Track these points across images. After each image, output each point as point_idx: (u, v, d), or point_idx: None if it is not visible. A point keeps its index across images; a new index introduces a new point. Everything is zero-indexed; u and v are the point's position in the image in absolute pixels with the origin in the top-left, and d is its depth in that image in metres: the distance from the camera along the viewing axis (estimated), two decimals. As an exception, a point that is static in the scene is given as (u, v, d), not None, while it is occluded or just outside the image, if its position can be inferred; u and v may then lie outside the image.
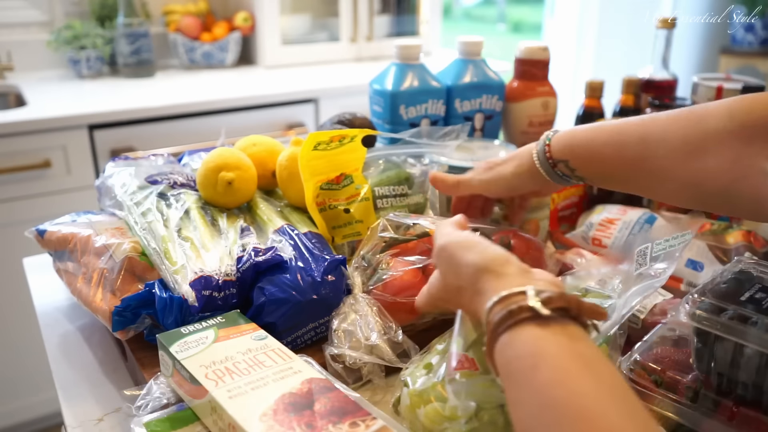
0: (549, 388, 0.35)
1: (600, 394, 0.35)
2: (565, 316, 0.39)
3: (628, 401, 0.35)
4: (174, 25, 2.16)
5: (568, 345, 0.38)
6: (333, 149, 0.72)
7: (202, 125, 1.79)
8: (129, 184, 0.74)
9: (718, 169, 0.53)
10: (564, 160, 0.63)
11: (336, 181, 0.73)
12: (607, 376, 0.36)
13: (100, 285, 0.64)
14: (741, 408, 0.48)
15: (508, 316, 0.39)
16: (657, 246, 0.56)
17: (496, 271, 0.44)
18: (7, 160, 1.55)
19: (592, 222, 0.85)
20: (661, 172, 0.56)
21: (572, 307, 0.40)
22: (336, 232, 0.72)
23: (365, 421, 0.45)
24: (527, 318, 0.39)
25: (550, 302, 0.39)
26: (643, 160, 0.57)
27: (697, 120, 0.54)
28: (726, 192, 0.53)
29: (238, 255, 0.64)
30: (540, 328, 0.38)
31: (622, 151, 0.59)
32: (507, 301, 0.40)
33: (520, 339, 0.39)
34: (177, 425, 0.51)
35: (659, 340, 0.56)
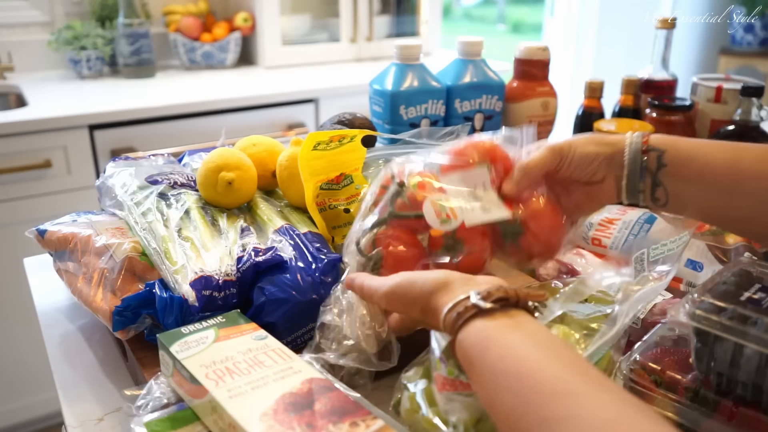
0: (498, 362, 0.41)
1: (540, 355, 0.40)
2: (507, 305, 0.45)
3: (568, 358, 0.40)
4: (174, 26, 2.16)
5: (511, 325, 0.43)
6: (333, 149, 0.72)
7: (202, 125, 1.79)
8: (129, 184, 0.74)
9: None
10: (660, 150, 0.57)
11: (336, 181, 0.73)
12: (549, 344, 0.41)
13: (101, 285, 0.64)
14: (741, 408, 0.48)
15: (458, 317, 0.45)
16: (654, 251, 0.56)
17: (444, 289, 0.48)
18: (8, 160, 1.55)
19: (591, 222, 0.85)
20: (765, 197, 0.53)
21: (511, 296, 0.45)
22: (336, 232, 0.72)
23: (365, 421, 0.45)
24: (474, 314, 0.44)
25: (489, 296, 0.45)
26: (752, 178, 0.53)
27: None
28: None
29: (238, 255, 0.64)
30: (486, 320, 0.44)
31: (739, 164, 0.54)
32: (456, 307, 0.46)
33: (471, 332, 0.44)
34: (177, 425, 0.51)
35: (659, 340, 0.56)
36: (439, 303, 0.48)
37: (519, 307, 0.45)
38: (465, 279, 0.49)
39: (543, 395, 0.37)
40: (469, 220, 0.57)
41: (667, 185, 0.57)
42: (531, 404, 0.37)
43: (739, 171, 0.54)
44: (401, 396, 0.53)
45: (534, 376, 0.38)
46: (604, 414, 0.35)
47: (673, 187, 0.57)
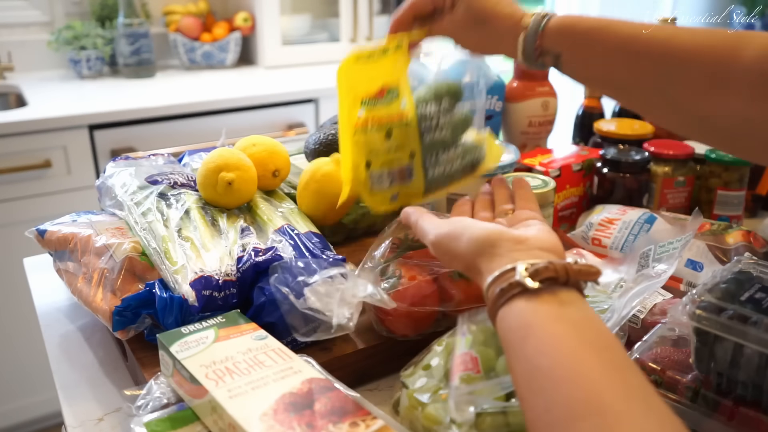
0: (535, 357, 0.38)
1: (581, 356, 0.37)
2: (555, 284, 0.41)
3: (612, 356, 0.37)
4: (174, 26, 2.16)
5: (557, 313, 0.40)
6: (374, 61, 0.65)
7: (202, 125, 1.79)
8: (129, 184, 0.74)
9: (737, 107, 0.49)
10: (556, 54, 0.57)
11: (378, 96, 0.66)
12: (593, 339, 0.38)
13: (101, 285, 0.64)
14: (741, 408, 0.48)
15: (501, 294, 0.42)
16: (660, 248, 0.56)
17: (488, 253, 0.46)
18: (8, 160, 1.55)
19: (591, 222, 0.85)
20: (674, 101, 0.52)
21: (560, 275, 0.42)
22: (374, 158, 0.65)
23: (365, 421, 0.45)
24: (517, 293, 0.41)
25: (537, 274, 0.41)
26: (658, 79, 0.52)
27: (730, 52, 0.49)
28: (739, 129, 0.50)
29: (238, 255, 0.64)
30: (529, 301, 0.41)
31: (636, 64, 0.53)
32: (499, 280, 0.43)
33: (512, 313, 0.41)
34: (177, 425, 0.51)
35: (659, 340, 0.56)
36: (483, 268, 0.45)
37: (569, 286, 0.42)
38: (514, 240, 0.46)
39: (577, 408, 0.34)
40: None
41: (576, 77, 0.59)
42: (562, 415, 0.35)
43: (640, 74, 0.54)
44: (400, 394, 0.53)
45: (570, 384, 0.35)
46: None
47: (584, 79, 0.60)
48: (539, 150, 0.97)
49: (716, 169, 0.91)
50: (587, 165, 0.93)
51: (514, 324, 0.41)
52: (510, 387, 0.46)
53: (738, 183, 0.90)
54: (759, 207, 0.99)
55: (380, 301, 0.56)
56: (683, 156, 0.91)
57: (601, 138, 1.03)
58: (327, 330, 0.58)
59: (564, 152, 0.96)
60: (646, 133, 1.00)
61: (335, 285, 0.58)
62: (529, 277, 0.41)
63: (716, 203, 0.92)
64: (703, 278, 0.73)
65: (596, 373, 0.36)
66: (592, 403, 0.34)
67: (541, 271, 0.42)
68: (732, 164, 0.90)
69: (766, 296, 0.49)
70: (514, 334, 0.40)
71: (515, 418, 0.45)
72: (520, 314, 0.40)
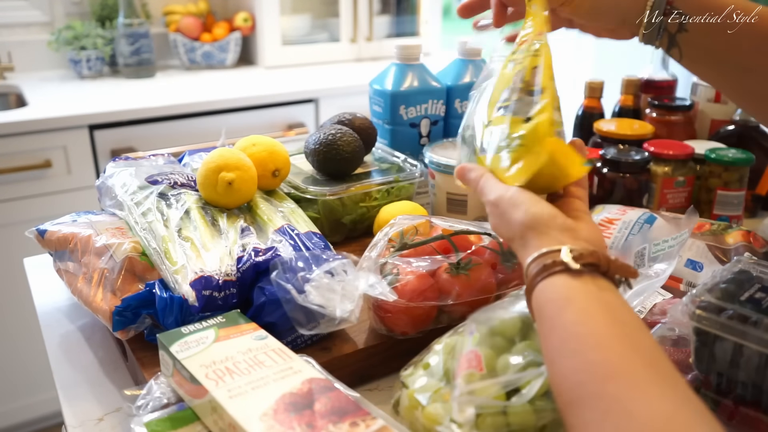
0: (573, 325, 0.40)
1: (616, 331, 0.39)
2: (596, 271, 0.44)
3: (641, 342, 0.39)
4: (174, 26, 2.16)
5: (595, 293, 0.42)
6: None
7: (202, 125, 1.79)
8: (129, 184, 0.74)
9: None
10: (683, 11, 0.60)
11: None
12: (627, 321, 0.40)
13: (101, 285, 0.64)
14: (740, 408, 0.48)
15: (543, 269, 0.44)
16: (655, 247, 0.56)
17: (539, 230, 0.47)
18: (8, 160, 1.55)
19: (592, 222, 0.85)
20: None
21: (602, 263, 0.44)
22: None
23: (365, 421, 0.45)
24: (560, 270, 0.43)
25: (581, 258, 0.44)
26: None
27: None
28: None
29: (238, 255, 0.64)
30: (571, 278, 0.43)
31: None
32: (544, 257, 0.45)
33: (553, 286, 0.43)
34: (177, 425, 0.51)
35: (659, 340, 0.56)
36: (530, 243, 0.47)
37: (607, 277, 0.44)
38: (565, 226, 0.47)
39: (607, 370, 0.37)
40: None
41: (683, 48, 0.61)
42: (593, 375, 0.38)
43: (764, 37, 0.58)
44: (400, 394, 0.53)
45: (604, 351, 0.38)
46: (660, 407, 0.35)
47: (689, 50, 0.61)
48: (539, 150, 0.97)
49: (716, 169, 0.91)
50: (587, 165, 0.93)
51: (553, 296, 0.43)
52: (510, 386, 0.46)
53: (738, 183, 0.90)
54: (759, 207, 0.99)
55: (381, 293, 0.56)
56: (683, 156, 0.91)
57: (601, 138, 1.03)
58: (330, 323, 0.58)
59: (564, 152, 0.96)
60: (646, 133, 1.00)
61: (336, 279, 0.58)
62: (573, 258, 0.44)
63: (716, 203, 0.92)
64: (703, 278, 0.73)
65: (630, 349, 0.38)
66: (622, 367, 0.37)
67: (585, 255, 0.44)
68: (732, 164, 0.90)
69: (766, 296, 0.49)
70: (552, 305, 0.43)
71: (515, 418, 0.45)
72: (560, 288, 0.43)
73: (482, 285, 0.62)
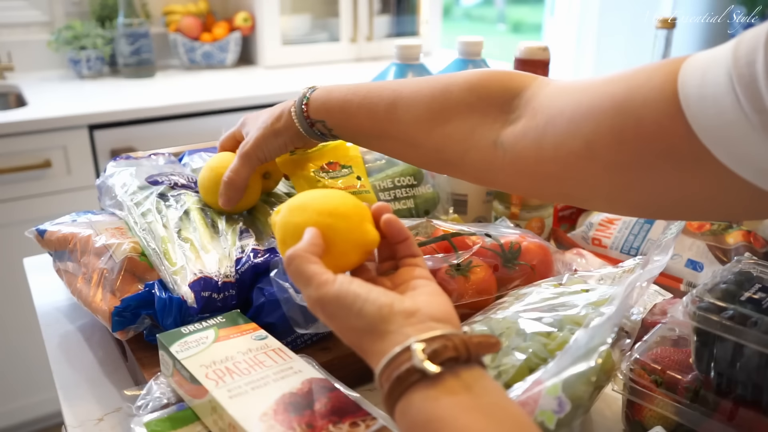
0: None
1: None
2: (456, 364, 0.37)
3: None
4: (174, 26, 2.16)
5: (465, 402, 0.35)
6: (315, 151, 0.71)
7: (202, 125, 1.79)
8: (129, 185, 0.74)
9: (457, 138, 0.54)
10: (321, 120, 0.63)
11: (331, 168, 0.71)
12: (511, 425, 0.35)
13: (100, 285, 0.64)
14: (741, 408, 0.48)
15: (398, 383, 0.37)
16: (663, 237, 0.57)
17: (378, 331, 0.40)
18: (7, 160, 1.55)
19: (591, 222, 0.85)
20: (408, 137, 0.57)
21: (462, 354, 0.37)
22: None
23: (365, 421, 0.45)
24: (417, 380, 0.36)
25: (436, 356, 0.36)
26: (392, 124, 0.58)
27: (442, 89, 0.56)
28: (462, 160, 0.55)
29: (237, 256, 0.64)
30: (432, 389, 0.36)
31: (374, 115, 0.59)
32: (394, 364, 0.37)
33: (414, 405, 0.36)
34: (177, 425, 0.51)
35: (659, 340, 0.56)
36: (373, 349, 0.40)
37: (470, 363, 0.37)
38: (405, 313, 0.40)
39: None
40: None
41: (345, 137, 0.64)
42: None
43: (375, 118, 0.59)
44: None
45: None
46: None
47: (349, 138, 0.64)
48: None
49: (716, 169, 0.91)
50: (587, 165, 0.93)
51: (419, 419, 0.36)
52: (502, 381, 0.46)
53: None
54: (759, 207, 0.99)
55: None
56: (683, 156, 0.91)
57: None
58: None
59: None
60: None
61: None
62: (428, 359, 0.36)
63: (716, 203, 0.91)
64: (703, 278, 0.73)
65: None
66: None
67: (440, 351, 0.36)
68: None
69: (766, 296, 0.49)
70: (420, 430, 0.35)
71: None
72: (425, 407, 0.35)
73: (482, 286, 0.62)
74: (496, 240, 0.67)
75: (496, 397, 0.36)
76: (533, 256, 0.67)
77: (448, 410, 0.35)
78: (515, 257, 0.66)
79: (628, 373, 0.53)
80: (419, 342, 0.37)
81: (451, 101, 0.55)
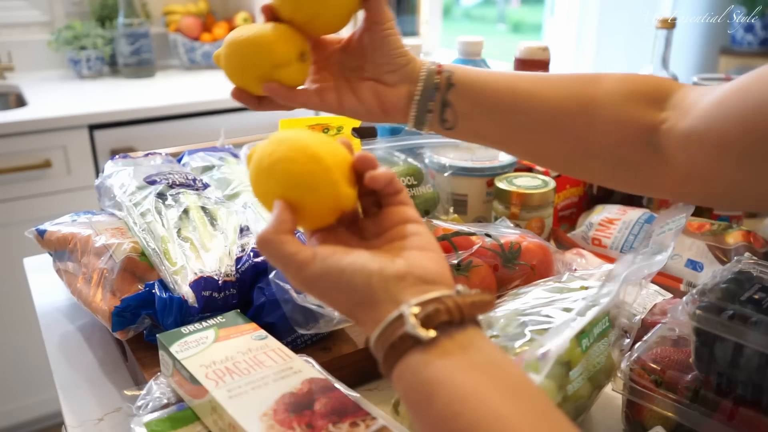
0: (451, 419, 0.33)
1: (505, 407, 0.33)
2: (450, 327, 0.36)
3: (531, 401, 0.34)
4: (174, 26, 2.16)
5: (461, 362, 0.35)
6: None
7: (202, 125, 1.79)
8: (128, 185, 0.74)
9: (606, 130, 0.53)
10: (449, 71, 0.56)
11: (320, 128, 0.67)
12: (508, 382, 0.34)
13: (100, 285, 0.64)
14: (741, 408, 0.48)
15: (391, 350, 0.36)
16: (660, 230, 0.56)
17: (369, 302, 0.38)
18: (7, 160, 1.55)
19: (591, 222, 0.85)
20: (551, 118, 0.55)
21: (455, 317, 0.36)
22: None
23: (365, 421, 0.45)
24: (411, 346, 0.35)
25: (430, 321, 0.35)
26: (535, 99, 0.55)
27: (591, 77, 0.55)
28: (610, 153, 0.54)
29: (237, 255, 0.64)
30: (426, 353, 0.35)
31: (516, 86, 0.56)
32: (387, 332, 0.37)
33: (409, 370, 0.35)
34: (177, 425, 0.51)
35: (659, 340, 0.56)
36: (364, 318, 0.39)
37: (465, 324, 0.36)
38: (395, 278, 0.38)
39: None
40: None
41: (456, 106, 0.56)
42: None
43: (516, 90, 0.55)
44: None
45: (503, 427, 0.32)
46: None
47: (461, 107, 0.56)
48: (539, 150, 0.97)
49: (716, 169, 0.91)
50: (587, 165, 0.93)
51: (412, 382, 0.35)
52: None
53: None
54: (759, 207, 0.99)
55: None
56: (683, 156, 0.91)
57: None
58: (328, 323, 0.58)
59: (564, 152, 0.96)
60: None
61: None
62: (422, 325, 0.35)
63: (716, 203, 0.92)
64: (703, 278, 0.73)
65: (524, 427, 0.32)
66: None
67: (433, 316, 0.36)
68: (732, 164, 0.89)
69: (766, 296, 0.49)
70: (416, 394, 0.35)
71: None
72: (420, 371, 0.35)
73: (482, 286, 0.62)
74: (496, 240, 0.67)
75: (491, 355, 0.36)
76: (533, 256, 0.67)
77: (443, 371, 0.34)
78: (515, 257, 0.66)
79: (628, 373, 0.53)
80: (411, 307, 0.36)
81: (602, 89, 0.54)
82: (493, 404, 0.32)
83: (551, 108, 0.55)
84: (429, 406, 0.34)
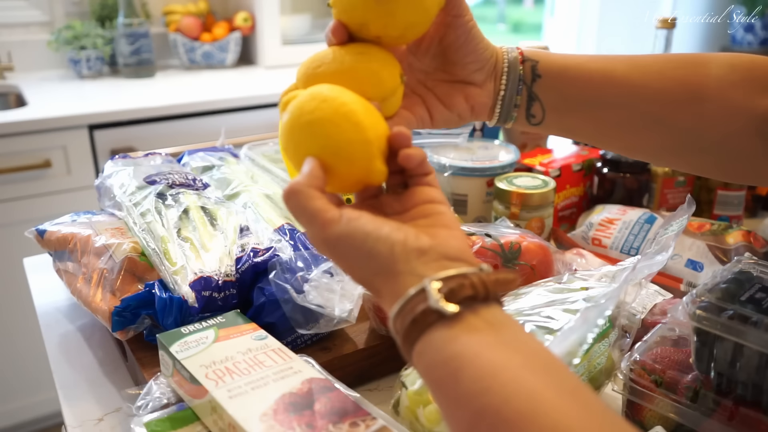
0: (477, 397, 0.31)
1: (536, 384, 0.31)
2: (475, 302, 0.34)
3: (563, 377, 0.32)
4: (174, 26, 2.16)
5: (488, 338, 0.33)
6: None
7: (202, 125, 1.79)
8: (128, 185, 0.74)
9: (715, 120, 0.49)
10: (533, 60, 0.52)
11: None
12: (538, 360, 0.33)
13: (100, 285, 0.64)
14: (741, 408, 0.48)
15: (413, 326, 0.35)
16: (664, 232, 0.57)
17: (390, 272, 0.37)
18: (7, 160, 1.55)
19: (592, 222, 0.85)
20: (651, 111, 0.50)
21: (480, 292, 0.34)
22: None
23: (365, 421, 0.45)
24: (434, 321, 0.34)
25: (453, 295, 0.34)
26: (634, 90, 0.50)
27: (696, 63, 0.50)
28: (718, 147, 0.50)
29: (237, 255, 0.64)
30: (451, 328, 0.33)
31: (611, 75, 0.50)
32: (408, 307, 0.35)
33: (432, 346, 0.34)
34: (177, 425, 0.51)
35: (659, 340, 0.56)
36: (384, 290, 0.37)
37: (489, 301, 0.35)
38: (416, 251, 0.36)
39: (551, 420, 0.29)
40: None
41: (543, 99, 0.52)
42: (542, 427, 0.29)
43: (611, 78, 0.51)
44: (400, 394, 0.53)
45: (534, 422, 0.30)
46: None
47: (548, 100, 0.52)
48: (539, 150, 0.97)
49: (716, 169, 0.91)
50: (587, 165, 0.93)
51: (438, 358, 0.33)
52: None
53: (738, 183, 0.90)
54: (759, 207, 0.99)
55: None
56: (683, 156, 0.91)
57: (601, 138, 1.03)
58: (329, 323, 0.58)
59: (564, 152, 0.96)
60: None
61: (335, 279, 0.58)
62: (445, 299, 0.34)
63: (716, 203, 0.92)
64: (703, 278, 0.73)
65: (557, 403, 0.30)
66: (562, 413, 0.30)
67: (456, 290, 0.34)
68: (732, 164, 0.89)
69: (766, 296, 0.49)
70: (440, 371, 0.33)
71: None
72: (444, 346, 0.33)
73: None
74: (496, 240, 0.67)
75: (519, 333, 0.34)
76: (533, 256, 0.67)
77: (469, 347, 0.33)
78: (515, 257, 0.66)
79: (628, 373, 0.53)
80: (434, 282, 0.34)
81: (711, 75, 0.49)
82: (524, 380, 0.31)
83: (654, 98, 0.50)
84: (456, 383, 0.32)
